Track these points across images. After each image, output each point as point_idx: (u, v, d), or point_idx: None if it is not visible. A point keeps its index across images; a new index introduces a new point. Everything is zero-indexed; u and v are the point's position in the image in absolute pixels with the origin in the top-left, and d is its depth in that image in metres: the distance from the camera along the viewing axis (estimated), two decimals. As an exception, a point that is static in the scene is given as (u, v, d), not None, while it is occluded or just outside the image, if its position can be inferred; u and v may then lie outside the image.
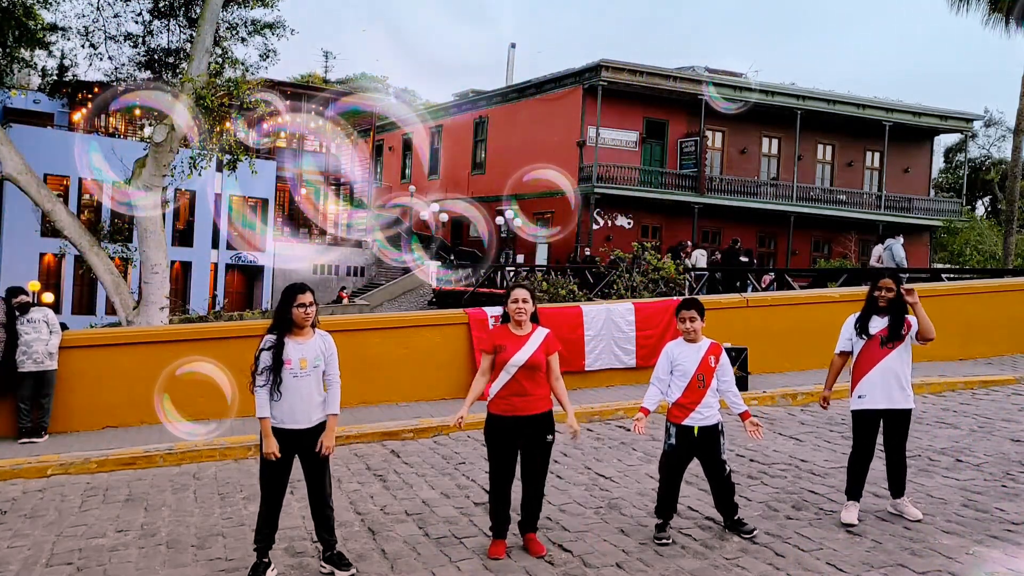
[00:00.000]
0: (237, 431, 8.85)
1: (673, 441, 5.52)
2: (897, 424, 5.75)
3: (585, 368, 10.82)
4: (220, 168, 16.66)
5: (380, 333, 10.33)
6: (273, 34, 16.98)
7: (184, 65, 15.36)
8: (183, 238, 33.89)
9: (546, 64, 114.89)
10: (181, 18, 16.50)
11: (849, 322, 5.95)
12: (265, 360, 4.92)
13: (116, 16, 16.42)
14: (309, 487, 5.14)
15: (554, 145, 33.52)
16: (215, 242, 34.97)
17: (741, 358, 10.31)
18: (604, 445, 8.18)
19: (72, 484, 7.32)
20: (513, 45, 46.12)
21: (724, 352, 5.61)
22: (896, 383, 5.71)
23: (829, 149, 36.88)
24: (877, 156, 37.01)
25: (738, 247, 23.27)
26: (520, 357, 5.23)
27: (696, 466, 5.70)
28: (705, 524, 5.80)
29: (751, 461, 7.40)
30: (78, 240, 13.64)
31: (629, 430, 8.79)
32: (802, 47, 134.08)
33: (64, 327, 9.57)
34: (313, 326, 5.09)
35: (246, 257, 35.94)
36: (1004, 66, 38.17)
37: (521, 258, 34.55)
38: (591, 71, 31.98)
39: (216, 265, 35.11)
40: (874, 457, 5.87)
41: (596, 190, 31.45)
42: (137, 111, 31.63)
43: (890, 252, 18.38)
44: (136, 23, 16.51)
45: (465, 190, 39.95)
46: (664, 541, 5.44)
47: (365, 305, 33.54)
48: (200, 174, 15.00)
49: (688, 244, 27.75)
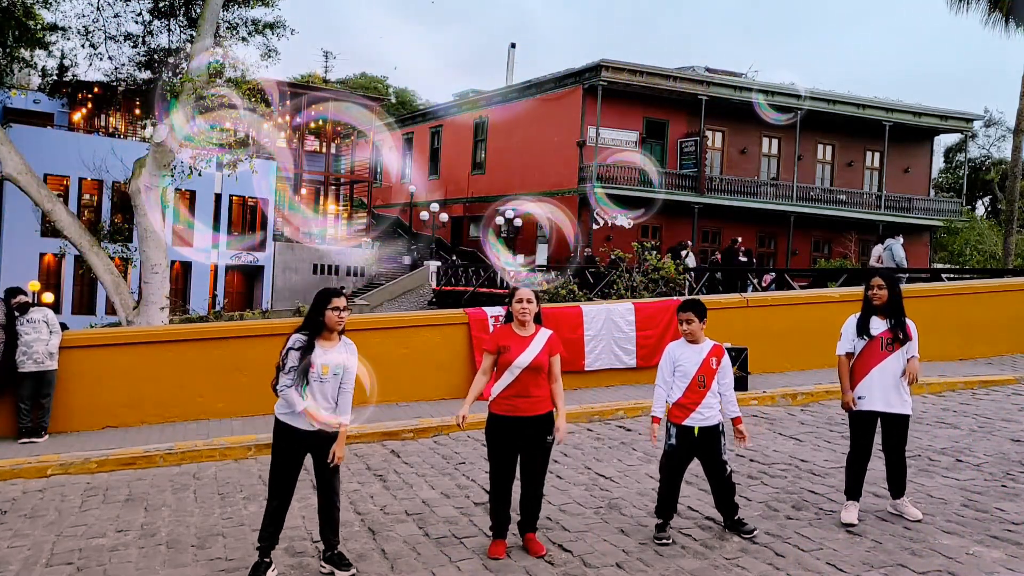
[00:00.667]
0: (237, 431, 8.85)
1: (673, 441, 5.52)
2: (895, 428, 5.75)
3: (585, 368, 10.82)
4: (220, 168, 16.66)
5: (380, 333, 10.33)
6: (273, 34, 16.99)
7: (184, 65, 15.36)
8: (183, 238, 33.88)
9: (546, 64, 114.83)
10: (181, 18, 16.51)
11: (850, 323, 5.94)
12: (293, 359, 4.95)
13: (116, 16, 16.43)
14: (319, 487, 5.15)
15: (554, 145, 33.54)
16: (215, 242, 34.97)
17: (741, 358, 10.31)
18: (604, 445, 8.18)
19: (72, 484, 7.32)
20: (513, 45, 46.12)
21: (726, 354, 5.61)
22: (894, 386, 5.70)
23: (829, 149, 36.89)
24: (877, 156, 37.01)
25: (738, 247, 23.28)
26: (524, 358, 5.22)
27: (696, 466, 5.70)
28: (705, 524, 5.80)
29: (751, 461, 7.40)
30: (78, 240, 13.64)
31: (629, 430, 8.79)
32: (802, 47, 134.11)
33: (64, 327, 9.57)
34: (340, 333, 5.12)
35: (246, 257, 35.92)
36: (1004, 66, 38.11)
37: (521, 258, 34.54)
38: (591, 71, 31.99)
39: (216, 265, 35.10)
40: (873, 457, 5.88)
41: (596, 190, 31.44)
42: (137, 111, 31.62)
43: (890, 252, 18.37)
44: (136, 23, 16.52)
45: (465, 190, 39.95)
46: (664, 541, 5.44)
47: (365, 305, 33.54)
48: (200, 174, 15.01)
49: (688, 244, 27.76)
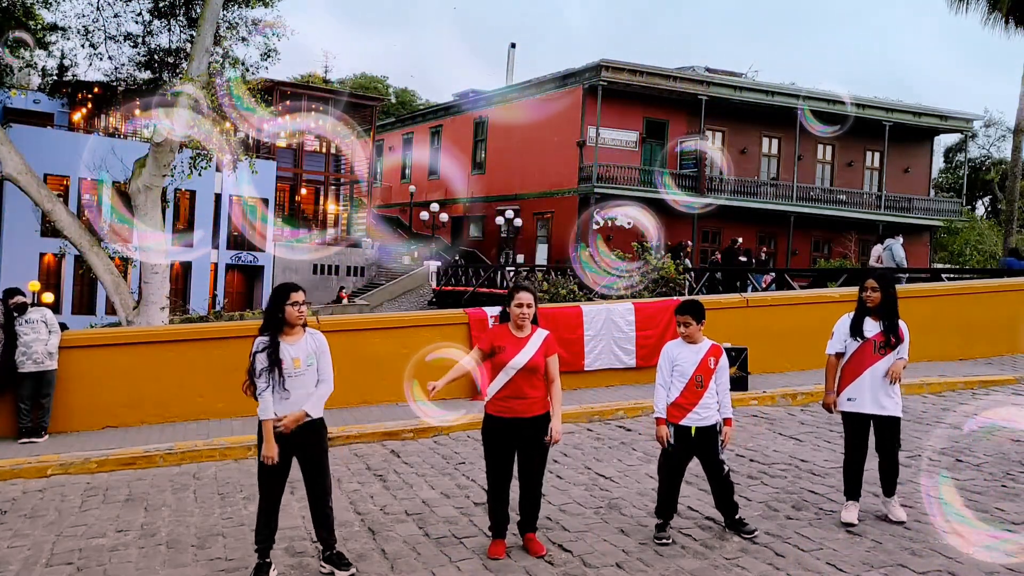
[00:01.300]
0: (237, 431, 8.85)
1: (671, 440, 5.52)
2: (887, 430, 5.73)
3: (585, 368, 10.81)
4: (220, 168, 16.67)
5: (380, 333, 10.33)
6: (273, 33, 16.98)
7: (184, 65, 15.36)
8: (183, 238, 33.86)
9: (546, 64, 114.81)
10: (181, 18, 16.50)
11: (843, 323, 5.92)
12: (262, 362, 4.89)
13: (116, 16, 16.42)
14: (308, 486, 5.12)
15: (554, 145, 33.55)
16: (215, 242, 34.96)
17: (741, 358, 10.31)
18: (604, 445, 8.18)
19: (72, 484, 7.32)
20: (513, 45, 46.11)
21: (724, 354, 5.60)
22: (884, 389, 5.70)
23: (829, 149, 36.89)
24: (877, 156, 37.02)
25: (738, 247, 23.29)
26: (520, 360, 5.20)
27: (696, 466, 5.70)
28: (705, 524, 5.80)
29: (751, 461, 7.40)
30: (78, 240, 13.63)
31: (629, 430, 8.79)
32: (802, 47, 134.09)
33: (64, 327, 9.57)
34: (303, 325, 5.07)
35: (246, 257, 35.92)
36: (1004, 66, 38.15)
37: (521, 258, 34.57)
38: (591, 71, 31.99)
39: (216, 265, 35.09)
40: (870, 457, 5.87)
41: (596, 190, 31.46)
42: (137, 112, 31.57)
43: (890, 252, 18.37)
44: (136, 23, 16.52)
45: (465, 190, 39.96)
46: (664, 541, 5.44)
47: (365, 305, 33.55)
48: (200, 174, 15.01)
49: (688, 244, 27.76)
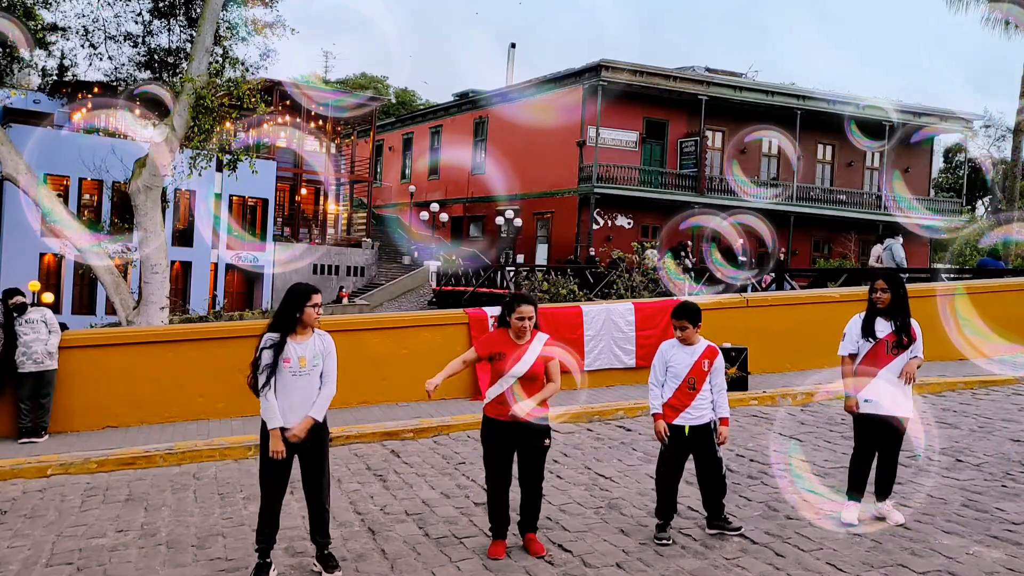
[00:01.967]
0: (237, 431, 8.85)
1: (666, 440, 5.51)
2: (895, 431, 5.71)
3: (585, 368, 10.81)
4: (220, 168, 16.65)
5: (380, 333, 10.33)
6: (273, 33, 16.96)
7: (184, 65, 15.36)
8: (183, 238, 33.87)
9: (546, 64, 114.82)
10: (181, 18, 16.49)
11: (854, 324, 5.90)
12: (267, 358, 4.92)
13: (116, 16, 16.41)
14: (306, 486, 5.12)
15: (554, 145, 33.54)
16: (215, 242, 34.97)
17: (741, 358, 10.31)
18: (604, 445, 8.18)
19: (72, 484, 7.32)
20: (513, 45, 46.11)
21: (720, 355, 5.59)
22: (899, 389, 5.67)
23: (829, 149, 36.89)
24: (877, 156, 37.01)
25: (737, 247, 23.25)
26: (519, 369, 5.17)
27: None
28: (705, 524, 5.79)
29: (751, 461, 7.40)
30: (78, 240, 13.63)
31: (629, 430, 8.79)
32: (802, 47, 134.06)
33: (64, 327, 9.57)
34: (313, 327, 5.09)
35: (246, 257, 35.92)
36: (1004, 66, 38.19)
37: (521, 258, 34.56)
38: (591, 71, 31.98)
39: (216, 265, 35.09)
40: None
41: (596, 190, 31.46)
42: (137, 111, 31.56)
43: (890, 252, 18.36)
44: (136, 23, 16.51)
45: (465, 190, 39.97)
46: (664, 542, 5.43)
47: (365, 305, 33.55)
48: (200, 174, 15.00)
49: (688, 244, 27.75)
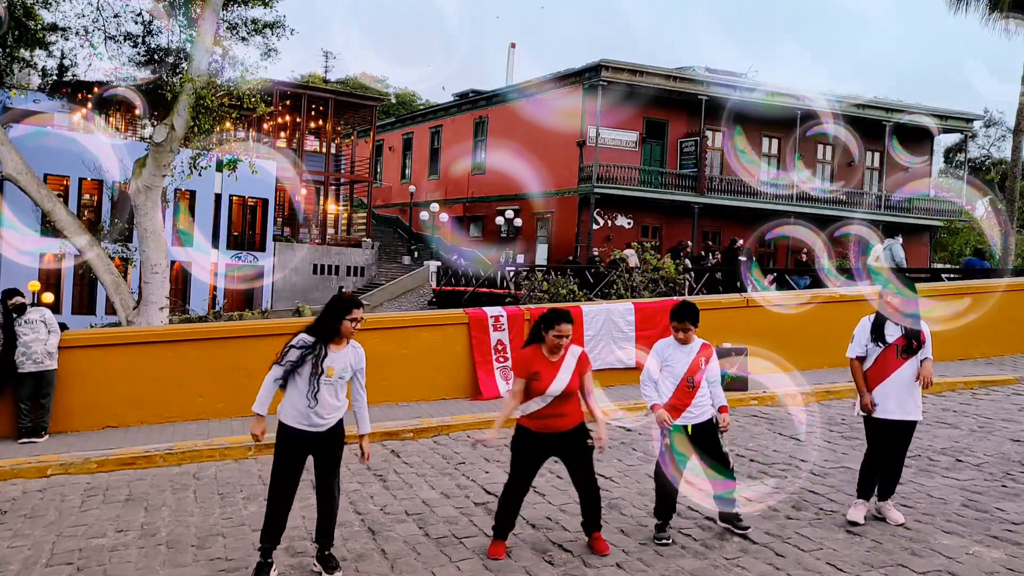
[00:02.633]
0: (237, 431, 8.85)
1: (668, 441, 5.51)
2: (903, 434, 5.72)
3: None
4: (220, 168, 16.66)
5: (380, 333, 10.32)
6: (273, 33, 16.96)
7: (184, 65, 15.35)
8: (183, 238, 33.87)
9: (546, 64, 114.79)
10: (181, 18, 16.48)
11: (863, 327, 5.89)
12: (293, 356, 4.95)
13: (116, 16, 16.40)
14: (318, 490, 5.15)
15: (554, 145, 33.53)
16: (215, 242, 34.97)
17: (741, 358, 10.30)
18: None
19: (72, 484, 7.32)
20: (513, 45, 46.12)
21: (715, 353, 5.59)
22: (909, 393, 5.68)
23: (829, 149, 36.88)
24: (877, 156, 37.01)
25: (738, 247, 23.28)
26: (556, 387, 5.14)
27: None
28: (705, 524, 5.80)
29: (751, 461, 7.40)
30: (78, 240, 13.63)
31: (629, 430, 8.79)
32: (802, 47, 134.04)
33: (64, 327, 9.57)
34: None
35: (246, 257, 35.92)
36: (1004, 66, 38.14)
37: (521, 258, 34.56)
38: (591, 71, 31.97)
39: (216, 265, 35.08)
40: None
41: (596, 190, 31.45)
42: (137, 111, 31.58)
43: (889, 252, 18.37)
44: (136, 23, 16.50)
45: (465, 190, 39.97)
46: (664, 541, 5.43)
47: (365, 305, 33.46)
48: (200, 174, 15.00)
49: (688, 244, 27.75)
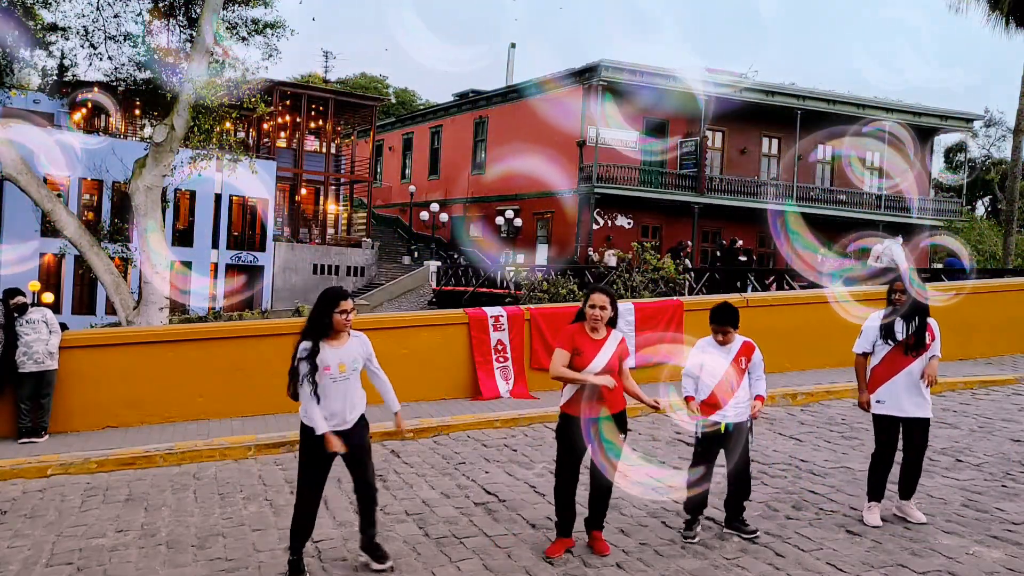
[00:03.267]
0: (237, 431, 8.85)
1: (699, 435, 5.53)
2: (917, 432, 5.70)
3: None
4: (220, 168, 16.66)
5: (380, 333, 10.30)
6: (273, 33, 16.98)
7: (184, 65, 15.36)
8: (183, 238, 33.89)
9: (546, 64, 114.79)
10: (181, 18, 16.49)
11: (872, 323, 5.86)
12: (304, 369, 4.88)
13: (116, 16, 16.41)
14: (355, 478, 5.15)
15: (554, 145, 33.54)
16: (215, 242, 34.98)
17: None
18: (604, 445, 8.17)
19: (72, 484, 7.32)
20: (513, 45, 46.10)
21: (757, 350, 5.53)
22: (917, 391, 5.66)
23: (829, 150, 36.87)
24: (877, 156, 37.01)
25: (738, 247, 23.28)
26: (597, 364, 5.13)
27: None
28: (705, 524, 5.79)
29: (751, 461, 7.39)
30: (78, 240, 13.64)
31: (630, 430, 8.76)
32: (802, 47, 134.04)
33: (64, 327, 9.57)
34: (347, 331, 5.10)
35: (246, 257, 35.93)
36: (1004, 66, 38.20)
37: (521, 258, 34.56)
38: (591, 71, 31.97)
39: (216, 265, 35.09)
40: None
41: (596, 190, 31.45)
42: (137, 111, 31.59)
43: (890, 252, 18.37)
44: (136, 23, 16.51)
45: (465, 190, 39.98)
46: (691, 540, 5.43)
47: (365, 305, 33.54)
48: (200, 174, 15.01)
49: (688, 244, 27.77)
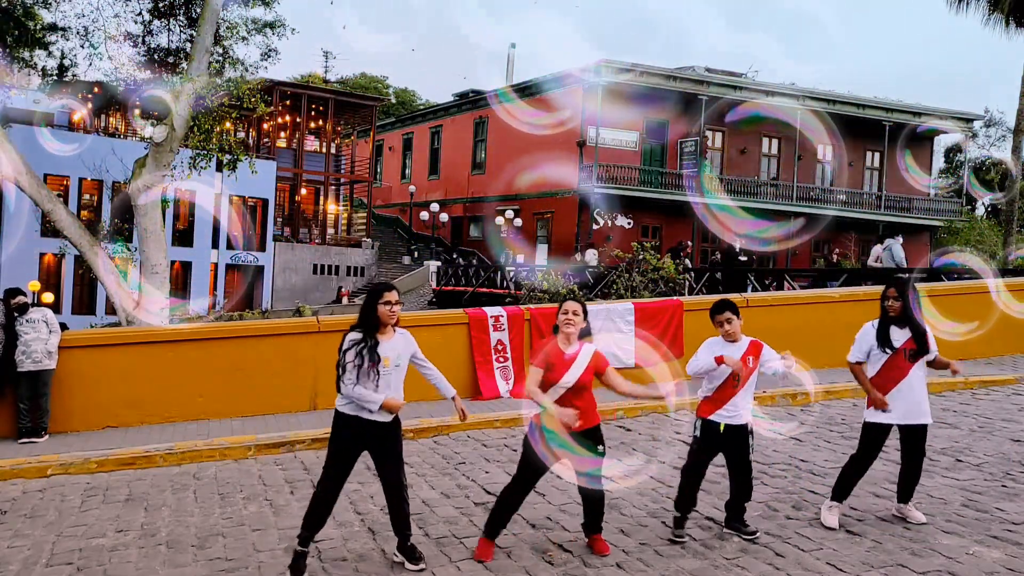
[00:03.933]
0: (237, 431, 8.85)
1: (698, 435, 5.51)
2: (918, 438, 5.65)
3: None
4: (220, 168, 16.65)
5: (380, 333, 10.31)
6: (273, 33, 16.97)
7: (184, 65, 15.35)
8: (183, 238, 33.88)
9: (546, 64, 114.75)
10: (181, 18, 16.49)
11: (866, 332, 5.79)
12: (350, 358, 4.99)
13: (116, 16, 16.41)
14: (384, 483, 5.21)
15: (554, 145, 33.54)
16: (215, 242, 34.98)
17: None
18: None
19: (72, 484, 7.32)
20: (513, 45, 46.19)
21: (765, 348, 5.50)
22: (919, 397, 5.62)
23: (829, 150, 36.87)
24: (877, 156, 37.01)
25: (737, 248, 23.26)
26: (568, 379, 5.17)
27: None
28: (705, 524, 5.80)
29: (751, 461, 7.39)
30: (78, 240, 13.62)
31: (629, 430, 8.79)
32: (802, 47, 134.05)
33: (64, 327, 9.57)
34: (394, 325, 5.19)
35: (246, 257, 35.93)
36: (1004, 66, 38.21)
37: (521, 258, 34.57)
38: (591, 71, 31.98)
39: (216, 265, 35.10)
40: (877, 459, 5.85)
41: (596, 190, 31.45)
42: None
43: (889, 252, 18.39)
44: (136, 23, 16.50)
45: (465, 190, 39.98)
46: (680, 539, 5.43)
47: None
48: (200, 174, 15.00)
49: (688, 244, 27.75)
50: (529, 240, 34.94)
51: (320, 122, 40.56)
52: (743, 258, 22.79)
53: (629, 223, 33.26)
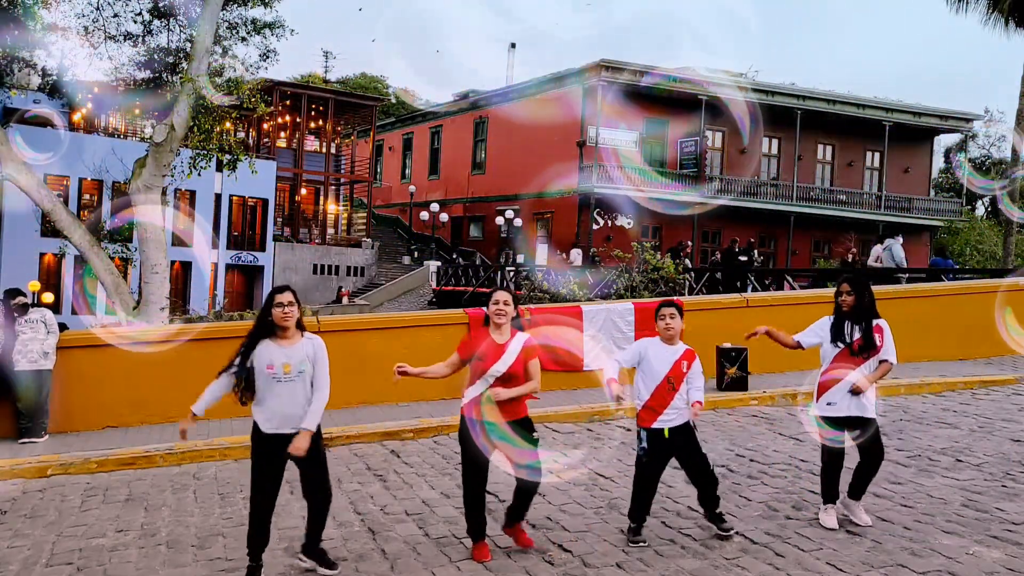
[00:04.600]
0: (237, 431, 8.85)
1: (645, 445, 5.46)
2: (863, 433, 5.65)
3: (584, 368, 10.81)
4: (220, 168, 16.65)
5: (380, 333, 10.32)
6: (272, 33, 16.96)
7: (184, 65, 15.36)
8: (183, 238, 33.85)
9: (546, 64, 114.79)
10: (181, 18, 16.48)
11: (823, 324, 5.85)
12: (236, 359, 4.91)
13: (116, 16, 16.39)
14: (305, 494, 5.06)
15: (554, 145, 33.54)
16: (215, 242, 34.97)
17: (741, 358, 10.30)
18: (604, 445, 8.18)
19: (72, 484, 7.33)
20: (513, 45, 46.18)
21: (697, 360, 5.53)
22: (864, 392, 5.63)
23: (829, 149, 36.89)
24: (877, 156, 37.01)
25: (737, 248, 23.26)
26: (498, 368, 5.19)
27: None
28: (705, 524, 5.79)
29: (751, 461, 7.40)
30: (78, 240, 13.62)
31: (629, 430, 8.79)
32: (802, 47, 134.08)
33: (64, 327, 9.57)
34: (300, 329, 4.99)
35: (246, 257, 35.94)
36: (1004, 66, 38.17)
37: (521, 258, 34.56)
38: (591, 71, 31.98)
39: (216, 265, 35.09)
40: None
41: (596, 190, 31.45)
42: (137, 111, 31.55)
43: (889, 252, 18.39)
44: (136, 23, 16.49)
45: (465, 190, 39.98)
46: (640, 543, 5.42)
47: (365, 305, 33.54)
48: (200, 174, 15.00)
49: (688, 244, 27.76)
50: (529, 240, 34.94)
51: (320, 122, 40.55)
52: (743, 258, 22.79)
53: (629, 223, 33.25)
